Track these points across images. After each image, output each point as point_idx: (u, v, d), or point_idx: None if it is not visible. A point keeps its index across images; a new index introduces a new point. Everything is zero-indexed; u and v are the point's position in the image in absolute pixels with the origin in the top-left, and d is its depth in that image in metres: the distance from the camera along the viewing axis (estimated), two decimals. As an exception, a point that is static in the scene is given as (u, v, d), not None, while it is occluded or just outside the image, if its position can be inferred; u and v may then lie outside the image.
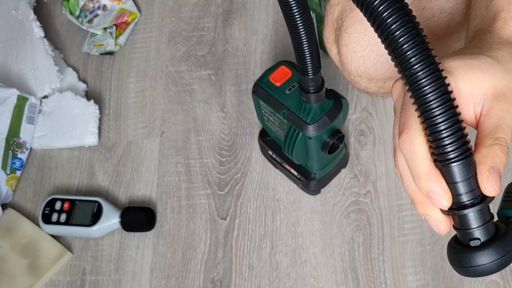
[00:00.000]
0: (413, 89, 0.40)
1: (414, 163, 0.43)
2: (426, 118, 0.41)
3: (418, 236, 1.03)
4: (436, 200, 0.42)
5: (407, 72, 0.40)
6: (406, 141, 0.43)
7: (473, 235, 0.43)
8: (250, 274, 1.03)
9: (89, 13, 1.31)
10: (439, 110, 0.40)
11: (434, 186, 0.42)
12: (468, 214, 0.43)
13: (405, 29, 0.39)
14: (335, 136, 0.95)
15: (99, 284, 1.05)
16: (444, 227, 0.44)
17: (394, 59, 0.41)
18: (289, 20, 0.69)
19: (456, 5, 0.71)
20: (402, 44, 0.39)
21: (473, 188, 0.42)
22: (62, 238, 1.10)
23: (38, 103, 1.19)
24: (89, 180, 1.15)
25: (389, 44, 0.40)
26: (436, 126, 0.40)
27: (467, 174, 0.42)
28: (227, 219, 1.08)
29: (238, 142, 1.15)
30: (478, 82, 0.43)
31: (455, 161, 0.41)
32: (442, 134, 0.40)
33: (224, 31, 1.28)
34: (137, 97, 1.23)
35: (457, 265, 0.44)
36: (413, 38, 0.39)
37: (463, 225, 0.43)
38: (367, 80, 0.77)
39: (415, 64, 0.39)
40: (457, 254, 0.44)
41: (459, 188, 0.42)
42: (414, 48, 0.39)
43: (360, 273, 1.01)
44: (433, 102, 0.40)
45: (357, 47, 0.73)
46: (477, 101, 0.44)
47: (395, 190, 1.07)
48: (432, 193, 0.42)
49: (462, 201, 0.42)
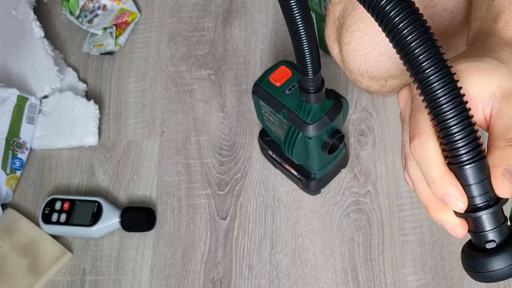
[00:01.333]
0: (426, 92, 0.40)
1: (429, 167, 0.42)
2: (439, 121, 0.41)
3: (418, 236, 1.03)
4: (452, 203, 0.42)
5: (419, 76, 0.40)
6: (418, 146, 0.42)
7: (488, 238, 0.43)
8: (250, 274, 1.03)
9: (89, 13, 1.31)
10: (452, 113, 0.40)
11: (450, 189, 0.42)
12: (482, 216, 0.42)
13: (417, 33, 0.39)
14: (335, 136, 0.95)
15: (99, 284, 1.05)
16: (462, 230, 0.44)
17: (406, 63, 0.41)
18: (290, 20, 0.69)
19: (458, 3, 0.71)
20: (414, 48, 0.40)
21: (487, 190, 0.42)
22: (62, 238, 1.10)
23: (38, 103, 1.19)
24: (89, 180, 1.15)
25: (401, 49, 0.40)
26: (450, 129, 0.40)
27: (481, 176, 0.42)
28: (227, 219, 1.08)
29: (238, 142, 1.15)
30: (485, 84, 0.43)
31: (469, 163, 0.41)
32: (456, 136, 0.40)
33: (224, 31, 1.28)
34: (137, 97, 1.23)
35: (472, 271, 0.44)
36: (425, 42, 0.39)
37: (477, 227, 0.43)
38: (369, 78, 0.77)
39: (428, 68, 0.40)
40: (472, 259, 0.44)
41: (473, 190, 0.42)
42: (426, 52, 0.39)
43: (360, 273, 1.01)
44: (446, 105, 0.40)
45: (358, 45, 0.73)
46: (486, 103, 0.44)
47: (395, 190, 1.07)
48: (448, 196, 0.42)
49: (476, 204, 0.42)
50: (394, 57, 0.73)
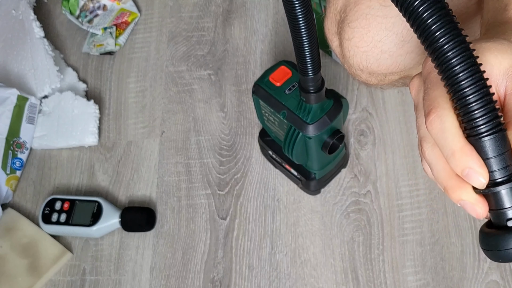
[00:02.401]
0: (442, 62, 0.39)
1: (446, 140, 0.41)
2: (456, 91, 0.39)
3: (418, 236, 1.03)
4: (473, 177, 0.40)
5: (435, 45, 0.39)
6: (435, 120, 0.41)
7: (509, 215, 0.41)
8: (250, 274, 1.03)
9: (89, 13, 1.31)
10: (470, 81, 0.39)
11: (470, 161, 0.40)
12: (502, 191, 0.41)
13: (434, 8, 0.39)
14: (335, 136, 0.95)
15: (99, 284, 1.05)
16: (482, 210, 0.42)
17: (421, 36, 0.40)
18: (292, 19, 0.69)
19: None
20: (428, 17, 0.39)
21: (507, 164, 0.40)
22: (62, 238, 1.10)
23: (38, 103, 1.19)
24: (89, 180, 1.15)
25: (418, 26, 0.40)
26: (468, 98, 0.39)
27: (501, 149, 0.40)
28: (227, 219, 1.08)
29: (238, 142, 1.15)
30: (497, 63, 0.43)
31: (488, 134, 0.40)
32: (474, 106, 0.39)
33: (224, 31, 1.28)
34: (137, 97, 1.23)
35: (493, 250, 0.42)
36: (439, 11, 0.39)
37: (498, 204, 0.41)
38: (368, 74, 0.77)
39: (443, 37, 0.39)
40: (493, 238, 0.42)
41: (492, 164, 0.40)
42: (441, 21, 0.39)
43: (360, 273, 1.01)
44: (463, 73, 0.39)
45: (360, 42, 0.73)
46: (499, 81, 0.43)
47: (395, 190, 1.07)
48: (469, 169, 0.40)
49: (496, 178, 0.41)
50: (395, 55, 0.73)
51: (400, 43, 0.71)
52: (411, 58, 0.73)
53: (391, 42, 0.72)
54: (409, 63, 0.73)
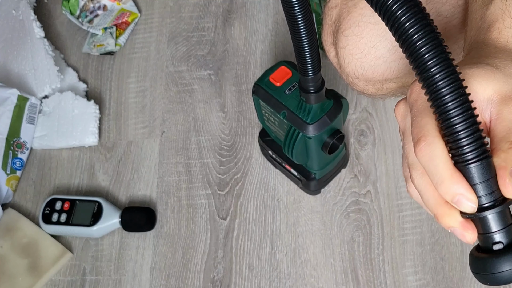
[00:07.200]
0: (432, 91, 0.40)
1: (436, 168, 0.42)
2: (445, 119, 0.41)
3: (418, 236, 1.03)
4: (464, 204, 0.41)
5: (425, 75, 0.40)
6: (425, 148, 0.42)
7: (495, 239, 0.42)
8: (250, 274, 1.04)
9: (89, 13, 1.31)
10: (458, 111, 0.40)
11: (460, 188, 0.41)
12: (488, 216, 0.42)
13: (423, 32, 0.40)
14: (335, 136, 0.95)
15: (99, 284, 1.06)
16: (471, 236, 0.43)
17: (412, 62, 0.41)
18: (291, 20, 0.70)
19: (452, 8, 0.71)
20: (420, 47, 0.40)
21: (493, 190, 0.42)
22: (62, 238, 1.10)
23: (39, 103, 1.19)
24: (89, 180, 1.15)
25: (407, 48, 0.41)
26: (456, 126, 0.40)
27: (487, 175, 0.41)
28: (227, 219, 1.09)
29: (238, 142, 1.16)
30: (481, 89, 0.44)
31: (475, 161, 0.41)
32: (462, 134, 0.40)
33: (224, 31, 1.28)
34: (137, 97, 1.23)
35: (480, 273, 0.43)
36: (431, 41, 0.40)
37: (484, 228, 0.43)
38: (365, 82, 0.77)
39: (434, 66, 0.40)
40: (479, 261, 0.43)
41: (479, 189, 0.42)
42: (432, 51, 0.40)
43: (360, 273, 1.01)
44: (452, 103, 0.40)
45: (354, 49, 0.74)
46: (484, 108, 0.44)
47: (395, 190, 1.07)
48: (459, 196, 0.41)
49: (482, 203, 0.42)
50: (389, 60, 0.73)
51: (393, 49, 0.72)
52: (405, 64, 0.73)
53: (384, 47, 0.72)
54: (403, 68, 0.74)
